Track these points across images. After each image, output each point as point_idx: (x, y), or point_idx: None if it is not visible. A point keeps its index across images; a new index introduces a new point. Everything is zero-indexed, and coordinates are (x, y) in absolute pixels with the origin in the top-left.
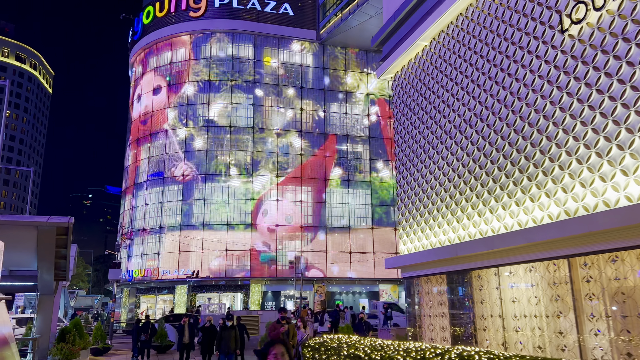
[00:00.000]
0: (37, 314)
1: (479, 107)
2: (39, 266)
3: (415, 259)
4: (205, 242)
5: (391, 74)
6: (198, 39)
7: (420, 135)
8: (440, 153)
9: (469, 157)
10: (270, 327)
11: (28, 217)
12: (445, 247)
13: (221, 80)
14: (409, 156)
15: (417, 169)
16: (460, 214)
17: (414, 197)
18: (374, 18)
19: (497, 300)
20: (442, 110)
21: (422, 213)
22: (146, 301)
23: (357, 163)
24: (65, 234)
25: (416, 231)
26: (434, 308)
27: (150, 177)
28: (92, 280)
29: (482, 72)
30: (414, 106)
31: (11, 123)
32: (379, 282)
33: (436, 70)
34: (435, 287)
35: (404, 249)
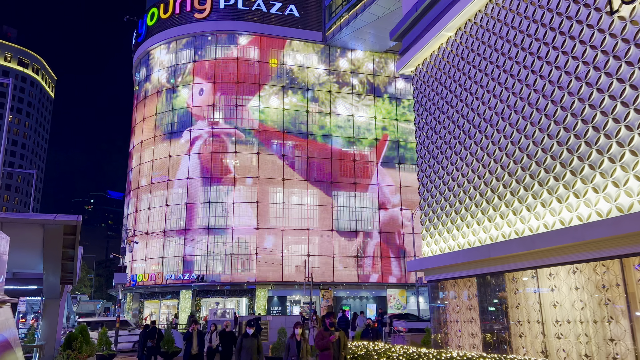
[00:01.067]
0: (41, 319)
1: (513, 98)
2: (45, 268)
3: (441, 261)
4: (210, 245)
5: (412, 67)
6: (203, 40)
7: (446, 131)
8: (469, 148)
9: (502, 151)
10: (317, 335)
11: (34, 214)
12: (477, 248)
13: (226, 82)
14: (432, 153)
15: (442, 166)
16: (492, 213)
17: (439, 196)
18: (381, 19)
19: (535, 304)
20: (471, 103)
21: (448, 213)
22: (150, 306)
23: (364, 166)
24: (73, 233)
25: (441, 232)
26: (461, 313)
27: (154, 180)
28: (94, 285)
29: (516, 61)
30: (437, 100)
31: (13, 128)
32: (387, 286)
33: (463, 61)
34: (463, 291)
35: (428, 250)
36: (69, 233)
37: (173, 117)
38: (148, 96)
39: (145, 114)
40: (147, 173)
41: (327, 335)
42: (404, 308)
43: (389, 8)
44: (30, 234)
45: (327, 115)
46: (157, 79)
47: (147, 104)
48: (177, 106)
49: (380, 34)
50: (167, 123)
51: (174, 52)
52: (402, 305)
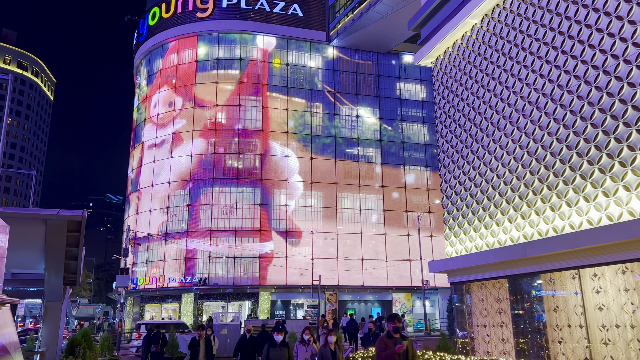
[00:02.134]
0: (42, 323)
1: (549, 86)
2: (47, 268)
3: (468, 261)
4: (212, 248)
5: (432, 58)
6: (205, 39)
7: (471, 123)
8: (498, 141)
9: (537, 143)
10: (379, 344)
11: (35, 209)
12: (510, 247)
13: (229, 82)
14: (456, 147)
15: (466, 161)
16: (526, 210)
17: (464, 193)
18: (386, 19)
19: (578, 307)
20: (500, 92)
21: (475, 210)
22: (151, 310)
23: (369, 167)
24: (77, 230)
25: (467, 231)
26: (490, 317)
27: (155, 182)
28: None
29: (553, 46)
30: (461, 91)
31: (12, 130)
32: (392, 290)
33: (490, 49)
34: (492, 293)
35: (452, 251)
36: (73, 230)
37: (175, 116)
38: (149, 96)
39: (146, 115)
40: (149, 174)
41: (391, 345)
42: (410, 312)
43: (394, 7)
44: (30, 230)
45: (331, 115)
46: (158, 79)
47: (148, 103)
48: (179, 106)
49: (385, 34)
50: (168, 123)
51: (176, 52)
52: (407, 309)
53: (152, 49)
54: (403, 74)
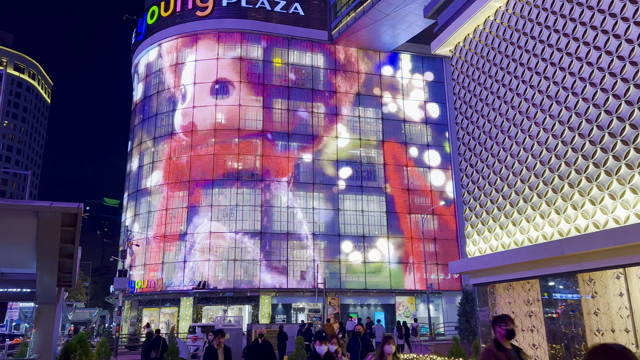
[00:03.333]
0: (34, 328)
1: (587, 69)
2: (39, 266)
3: (495, 260)
4: (212, 251)
5: (450, 46)
6: (205, 38)
7: (496, 112)
8: (528, 130)
9: (573, 131)
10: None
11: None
12: (543, 245)
13: (229, 82)
14: (478, 139)
15: (490, 153)
16: (561, 204)
17: (488, 188)
18: (389, 17)
19: (623, 309)
20: (530, 79)
21: (501, 206)
22: (149, 314)
23: (371, 168)
24: (72, 225)
25: (492, 228)
26: (518, 321)
27: (154, 183)
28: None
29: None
30: (484, 79)
31: (9, 133)
32: (396, 294)
33: (517, 33)
34: (521, 295)
35: (474, 250)
36: (68, 224)
37: (173, 117)
38: (147, 96)
39: (144, 115)
40: (147, 175)
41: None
42: (414, 316)
43: (398, 5)
44: (21, 224)
45: (333, 116)
46: (157, 78)
47: (146, 104)
48: (178, 106)
49: (387, 33)
50: (167, 124)
51: (175, 51)
52: (411, 314)
53: (151, 48)
54: (406, 74)
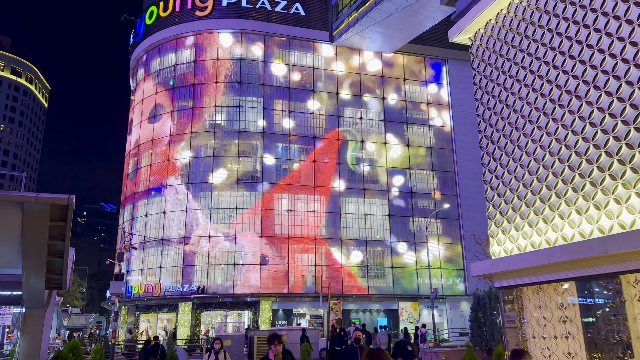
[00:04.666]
0: (21, 335)
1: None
2: (24, 266)
3: (524, 261)
4: (211, 254)
5: (469, 33)
6: (204, 39)
7: (523, 101)
8: (560, 120)
9: (615, 118)
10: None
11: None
12: (582, 244)
13: (229, 83)
14: (503, 130)
15: (517, 146)
16: (601, 198)
17: (515, 182)
18: (392, 17)
19: None
20: (562, 63)
21: (530, 202)
22: (146, 320)
23: (373, 170)
24: (63, 219)
25: (519, 226)
26: (550, 327)
27: (152, 186)
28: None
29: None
30: (509, 67)
31: (5, 137)
32: (399, 299)
33: (546, 15)
34: (554, 299)
35: (499, 250)
36: (57, 219)
37: (172, 119)
38: (146, 97)
39: (142, 117)
40: (145, 178)
41: None
42: (417, 322)
43: (401, 4)
44: (3, 218)
45: (334, 117)
46: (155, 79)
47: (144, 105)
48: (177, 107)
49: (389, 34)
50: (166, 125)
51: (174, 51)
52: (414, 319)
53: (149, 48)
54: (407, 75)
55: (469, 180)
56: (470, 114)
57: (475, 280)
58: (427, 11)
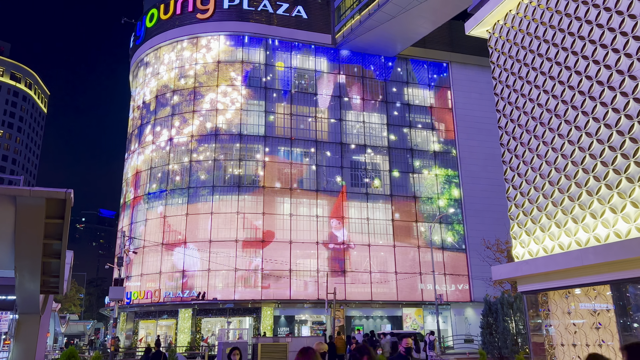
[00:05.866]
0: (14, 342)
1: None
2: (18, 268)
3: (553, 263)
4: (211, 260)
5: (487, 25)
6: (205, 42)
7: (549, 94)
8: (591, 113)
9: None
10: None
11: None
12: (620, 244)
13: (230, 86)
14: (526, 126)
15: (542, 141)
16: (639, 195)
17: (540, 180)
18: (394, 21)
19: None
20: (593, 52)
21: (557, 201)
22: (145, 327)
23: (376, 175)
24: (60, 216)
25: (545, 226)
26: (581, 334)
27: (152, 190)
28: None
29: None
30: (532, 59)
31: (4, 143)
32: (402, 305)
33: (574, 2)
34: (584, 304)
35: (523, 252)
36: (54, 215)
37: (173, 122)
38: (146, 101)
39: (143, 120)
40: (145, 182)
41: None
42: (421, 328)
43: (405, 7)
44: None
45: (337, 121)
46: (156, 82)
47: (145, 109)
48: (178, 111)
49: (392, 37)
50: (167, 128)
51: (175, 54)
52: (418, 326)
53: (150, 51)
54: (411, 79)
55: (473, 185)
56: (474, 117)
57: (481, 285)
58: (430, 13)
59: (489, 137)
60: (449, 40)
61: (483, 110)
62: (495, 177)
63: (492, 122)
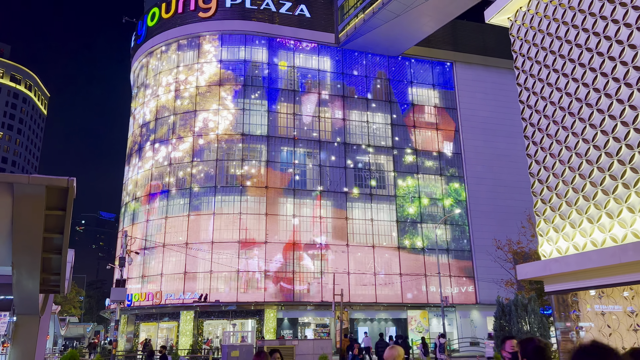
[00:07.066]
0: (11, 345)
1: None
2: (15, 264)
3: (587, 261)
4: (214, 262)
5: (509, 13)
6: (207, 41)
7: (578, 83)
8: (628, 100)
9: None
10: None
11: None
12: None
13: (232, 85)
14: (552, 116)
15: (572, 132)
16: None
17: (569, 173)
18: (400, 18)
19: None
20: (629, 37)
21: (589, 194)
22: (146, 329)
23: (380, 175)
24: (62, 208)
25: (576, 222)
26: (617, 336)
27: (153, 191)
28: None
29: None
30: (559, 45)
31: (4, 145)
32: (407, 307)
33: None
34: (620, 304)
35: (551, 250)
36: (56, 207)
37: (175, 121)
38: (147, 100)
39: (144, 120)
40: (146, 183)
41: None
42: (427, 331)
43: (409, 5)
44: None
45: (340, 121)
46: (157, 81)
47: (146, 108)
48: (179, 110)
49: (396, 36)
50: (169, 128)
51: (176, 54)
52: (424, 328)
53: (151, 50)
54: (415, 78)
55: (478, 186)
56: (479, 117)
57: (486, 287)
58: (434, 12)
59: (494, 138)
60: (453, 39)
61: (487, 110)
62: (501, 177)
63: (497, 122)
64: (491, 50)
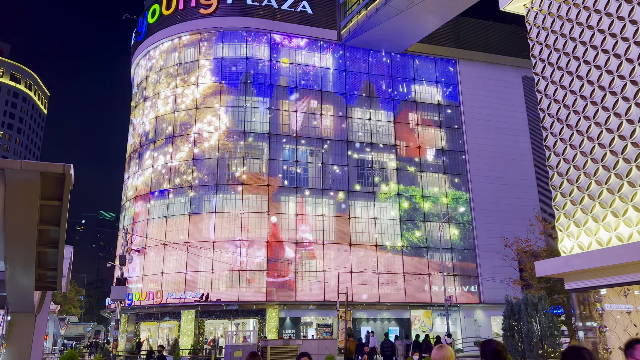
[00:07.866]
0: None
1: None
2: (8, 258)
3: (612, 257)
4: (215, 260)
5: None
6: (208, 38)
7: (602, 70)
8: None
9: None
10: None
11: None
12: None
13: (234, 83)
14: (573, 106)
15: (595, 122)
16: None
17: (592, 165)
18: (400, 17)
19: None
20: None
21: (613, 187)
22: (147, 329)
23: (383, 173)
24: (58, 197)
25: (599, 216)
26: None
27: (154, 189)
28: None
29: None
30: (580, 32)
31: (3, 144)
32: (410, 307)
33: None
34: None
35: (571, 245)
36: (52, 196)
37: (175, 119)
38: (148, 98)
39: (144, 118)
40: (146, 181)
41: None
42: (430, 331)
43: (412, 1)
44: None
45: (342, 118)
46: (158, 79)
47: (146, 106)
48: (180, 108)
49: (399, 33)
50: (169, 126)
51: (177, 51)
52: (427, 328)
53: (152, 47)
54: (418, 75)
55: (481, 184)
56: (482, 115)
57: (491, 287)
58: (438, 8)
59: (497, 135)
60: (456, 36)
61: (491, 107)
62: (504, 175)
63: (500, 119)
64: (494, 47)
